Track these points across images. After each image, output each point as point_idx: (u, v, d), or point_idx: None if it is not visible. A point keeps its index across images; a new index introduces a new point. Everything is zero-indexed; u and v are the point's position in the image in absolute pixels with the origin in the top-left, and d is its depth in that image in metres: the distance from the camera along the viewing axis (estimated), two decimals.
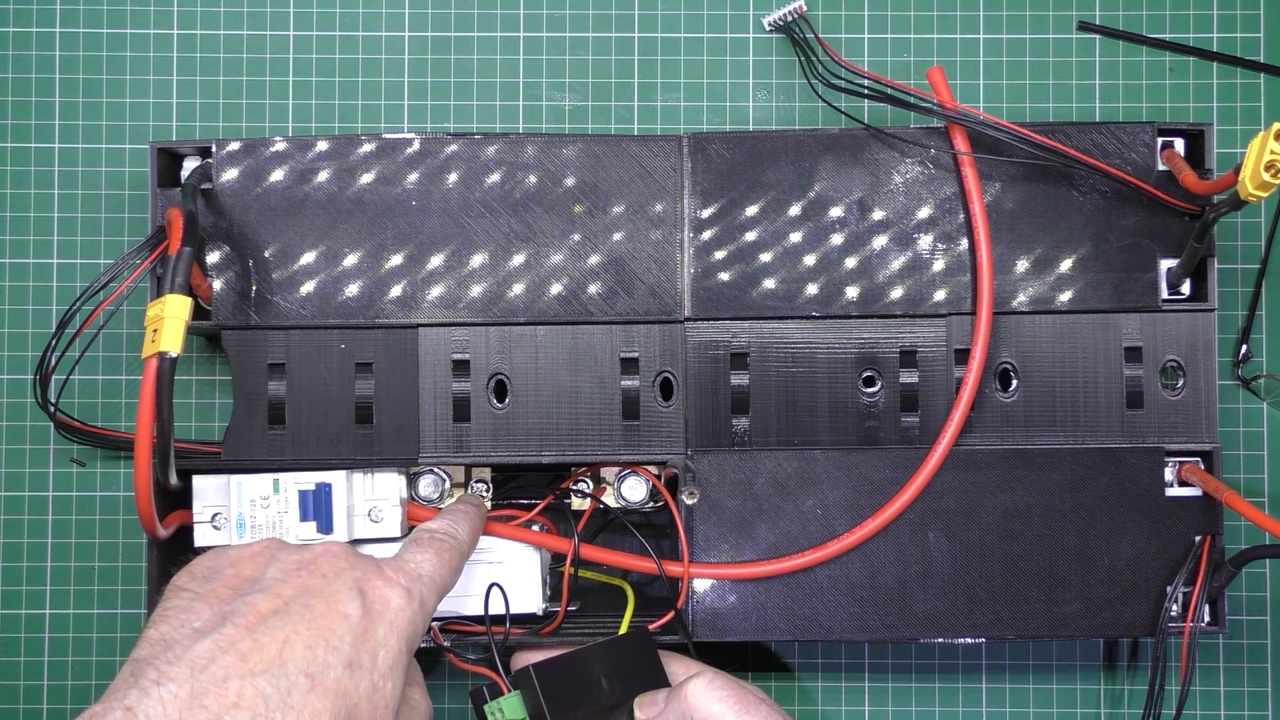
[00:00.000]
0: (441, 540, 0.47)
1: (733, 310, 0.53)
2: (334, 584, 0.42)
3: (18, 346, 0.57)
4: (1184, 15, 0.58)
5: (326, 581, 0.42)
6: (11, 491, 0.57)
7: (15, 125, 0.58)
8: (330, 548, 0.44)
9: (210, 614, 0.41)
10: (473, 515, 0.50)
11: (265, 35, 0.58)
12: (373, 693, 0.41)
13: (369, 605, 0.42)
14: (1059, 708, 0.57)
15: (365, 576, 0.43)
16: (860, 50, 0.58)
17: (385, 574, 0.44)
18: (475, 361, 0.53)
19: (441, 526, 0.48)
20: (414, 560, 0.46)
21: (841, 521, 0.52)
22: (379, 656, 0.41)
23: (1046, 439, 0.52)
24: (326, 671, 0.39)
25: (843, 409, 0.53)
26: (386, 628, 0.42)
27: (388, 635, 0.42)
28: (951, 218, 0.53)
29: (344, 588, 0.42)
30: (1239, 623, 0.57)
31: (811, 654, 0.57)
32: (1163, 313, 0.53)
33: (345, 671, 0.40)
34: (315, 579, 0.42)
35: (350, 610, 0.41)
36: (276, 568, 0.43)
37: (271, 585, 0.42)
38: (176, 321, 0.46)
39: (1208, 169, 0.52)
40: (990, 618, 0.52)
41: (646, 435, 0.52)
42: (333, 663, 0.40)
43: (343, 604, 0.41)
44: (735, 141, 0.53)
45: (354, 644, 0.41)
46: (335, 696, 0.39)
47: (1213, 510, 0.52)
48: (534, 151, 0.53)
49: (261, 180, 0.53)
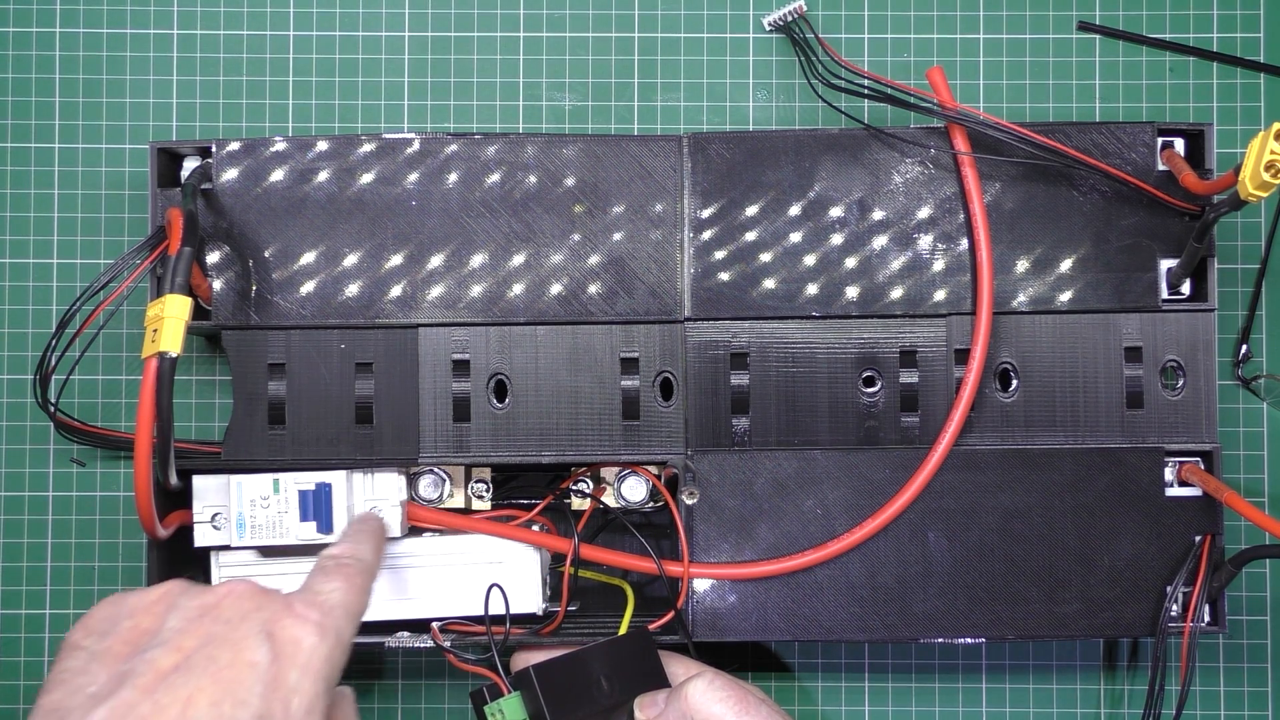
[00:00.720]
0: (348, 564, 0.45)
1: (733, 310, 0.53)
2: (239, 630, 0.40)
3: (18, 346, 0.57)
4: (1184, 15, 0.58)
5: (231, 628, 0.40)
6: (11, 491, 0.57)
7: (15, 125, 0.58)
8: (234, 588, 0.42)
9: (107, 676, 0.38)
10: (374, 534, 0.49)
11: (265, 35, 0.58)
12: None
13: (279, 649, 0.39)
14: (1059, 708, 0.57)
15: (273, 618, 0.40)
16: (860, 50, 0.58)
17: (295, 611, 0.41)
18: (475, 361, 0.53)
19: (345, 550, 0.46)
20: (324, 591, 0.43)
21: (841, 521, 0.52)
22: (292, 704, 0.39)
23: (1046, 439, 0.52)
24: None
25: (843, 409, 0.53)
26: (299, 671, 0.39)
27: (301, 679, 0.39)
28: (951, 218, 0.53)
29: (250, 633, 0.39)
30: (1239, 623, 0.57)
31: (811, 654, 0.57)
32: (1163, 313, 0.53)
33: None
34: (219, 626, 0.40)
35: (258, 657, 0.39)
36: (177, 617, 0.40)
37: (172, 637, 0.39)
38: (176, 321, 0.46)
39: (1208, 169, 0.52)
40: (990, 618, 0.52)
41: (646, 435, 0.52)
42: (241, 718, 0.37)
43: (249, 651, 0.39)
44: (735, 141, 0.53)
45: (264, 694, 0.38)
46: None
47: (1213, 510, 0.52)
48: (534, 151, 0.53)
49: (261, 180, 0.53)
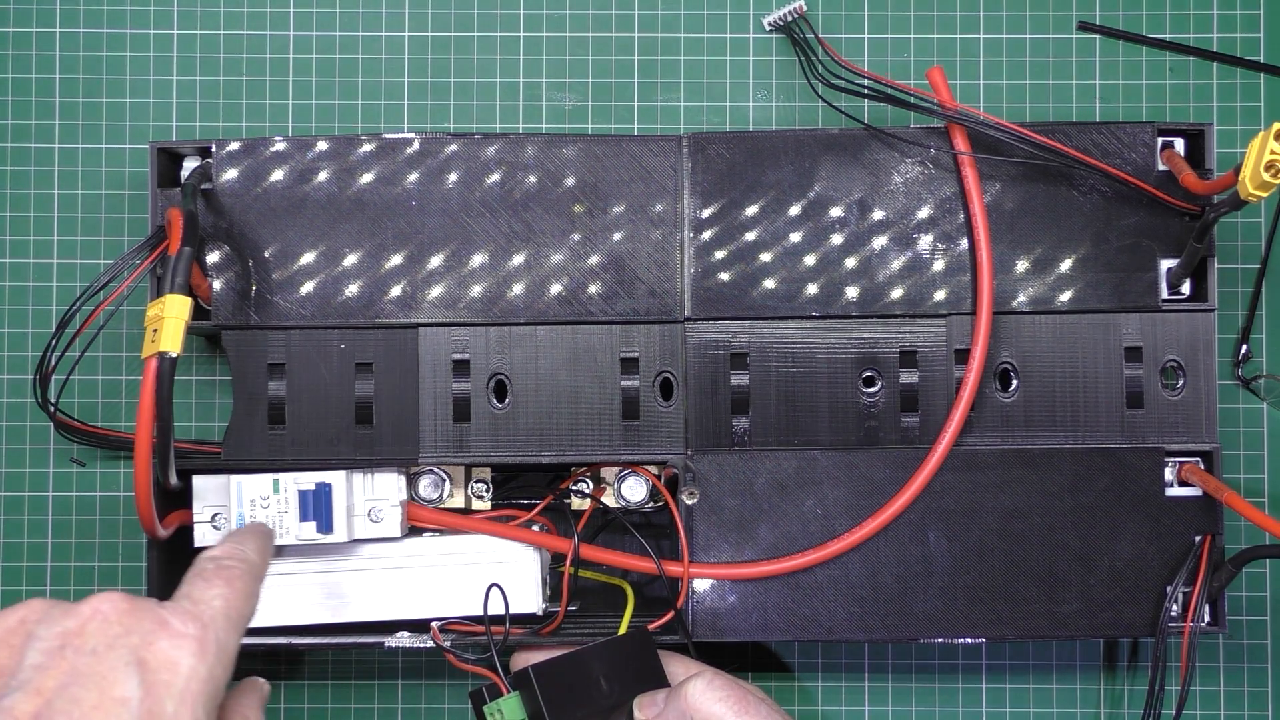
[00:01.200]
0: (230, 566, 0.41)
1: (733, 310, 0.53)
2: (105, 661, 0.36)
3: (18, 346, 0.57)
4: (1184, 15, 0.58)
5: (96, 659, 0.36)
6: (11, 491, 0.57)
7: (15, 125, 0.58)
8: (99, 608, 0.37)
9: None
10: (260, 535, 0.45)
11: (265, 35, 0.58)
12: None
13: (151, 679, 0.36)
14: (1059, 708, 0.57)
15: (145, 641, 0.37)
16: (860, 50, 0.58)
17: (171, 628, 0.37)
18: (475, 361, 0.53)
19: (226, 551, 0.42)
20: (203, 598, 0.39)
21: (841, 521, 0.52)
22: None
23: (1046, 439, 0.52)
24: None
25: (843, 409, 0.53)
26: (176, 701, 0.36)
27: (179, 709, 0.36)
28: (951, 218, 0.53)
29: (118, 664, 0.36)
30: (1239, 623, 0.57)
31: (811, 654, 0.57)
32: (1163, 313, 0.53)
33: None
34: (83, 658, 0.36)
35: (127, 692, 0.35)
36: (36, 651, 0.36)
37: (32, 677, 0.35)
38: (176, 321, 0.46)
39: (1208, 169, 0.52)
40: (990, 618, 0.52)
41: (646, 435, 0.52)
42: None
43: (118, 687, 0.35)
44: (735, 141, 0.53)
45: None
46: None
47: (1213, 510, 0.52)
48: (534, 151, 0.53)
49: (261, 180, 0.53)
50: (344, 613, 0.52)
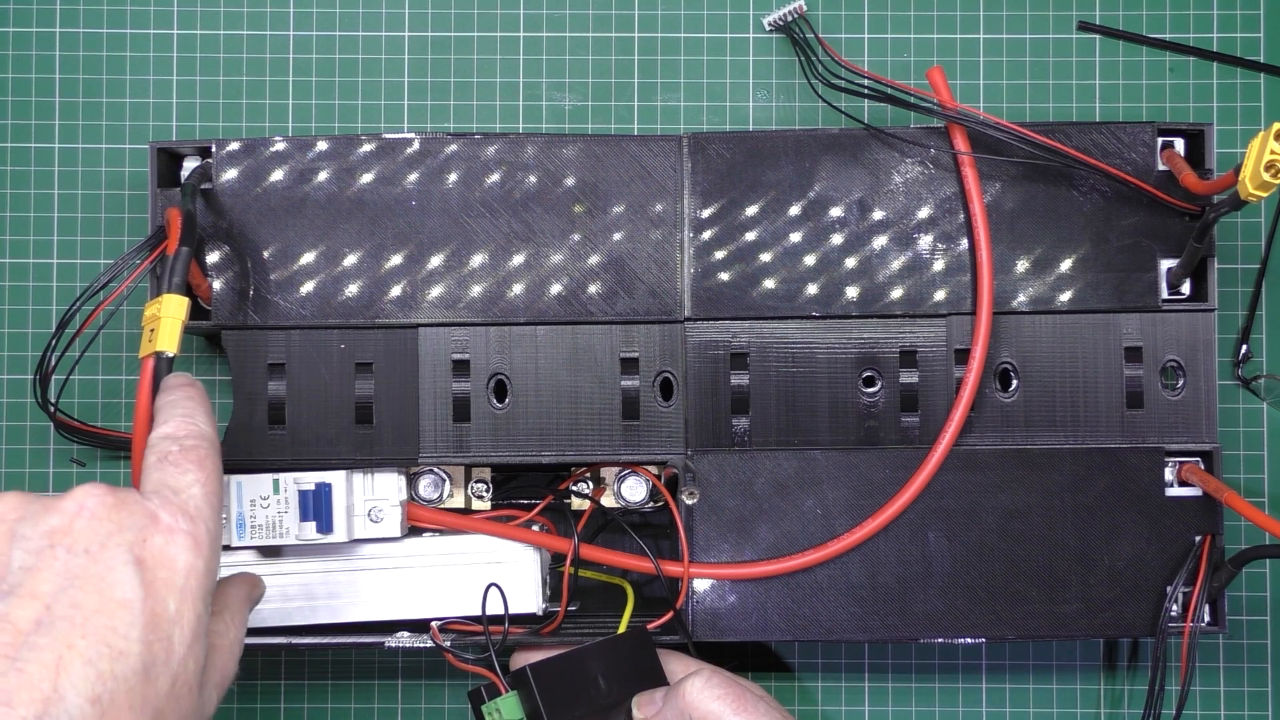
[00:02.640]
0: (195, 446, 0.39)
1: (733, 310, 0.53)
2: (101, 560, 0.34)
3: (18, 346, 0.57)
4: (1184, 15, 0.58)
5: (92, 560, 0.34)
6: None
7: (15, 125, 0.58)
8: (84, 503, 0.35)
9: None
10: (199, 399, 0.41)
11: (265, 35, 0.58)
12: (173, 685, 0.34)
13: (151, 577, 0.34)
14: (1059, 708, 0.57)
15: (140, 537, 0.35)
16: (860, 50, 0.58)
17: (162, 522, 0.35)
18: (475, 361, 0.53)
19: (181, 429, 0.39)
20: (181, 487, 0.37)
21: (841, 521, 0.52)
22: (174, 639, 0.34)
23: (1046, 439, 0.52)
24: (117, 686, 0.32)
25: (843, 409, 0.53)
26: (178, 599, 0.34)
27: (181, 607, 0.34)
28: (951, 218, 0.53)
29: (115, 563, 0.34)
30: (1239, 623, 0.57)
31: (811, 654, 0.57)
32: (1163, 313, 0.53)
33: (139, 679, 0.33)
34: (76, 559, 0.34)
35: (129, 593, 0.33)
36: (23, 551, 0.34)
37: (24, 581, 0.33)
38: (173, 321, 0.46)
39: (1208, 169, 0.52)
40: (990, 618, 0.52)
41: (646, 435, 0.52)
42: (122, 673, 0.32)
43: (119, 588, 0.33)
44: (735, 141, 0.53)
45: (143, 637, 0.33)
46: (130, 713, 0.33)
47: (1213, 510, 0.52)
48: (534, 151, 0.53)
49: (261, 180, 0.53)
50: (344, 613, 0.52)
